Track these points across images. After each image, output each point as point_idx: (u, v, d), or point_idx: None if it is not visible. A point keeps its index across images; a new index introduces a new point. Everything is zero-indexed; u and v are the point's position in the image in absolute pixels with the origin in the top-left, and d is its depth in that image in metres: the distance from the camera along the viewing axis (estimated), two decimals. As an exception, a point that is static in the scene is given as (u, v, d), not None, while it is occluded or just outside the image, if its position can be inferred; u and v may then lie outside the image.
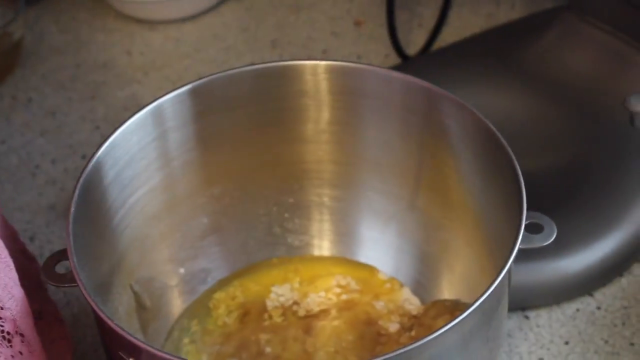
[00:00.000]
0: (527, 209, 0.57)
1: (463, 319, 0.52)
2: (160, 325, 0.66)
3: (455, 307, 0.64)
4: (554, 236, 0.58)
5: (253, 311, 0.67)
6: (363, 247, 0.69)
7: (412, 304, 0.67)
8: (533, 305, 0.69)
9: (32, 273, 0.64)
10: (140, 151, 0.63)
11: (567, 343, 0.67)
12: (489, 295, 0.53)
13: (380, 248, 0.69)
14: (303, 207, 0.69)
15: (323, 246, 0.70)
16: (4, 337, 0.55)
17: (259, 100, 0.66)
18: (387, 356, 0.51)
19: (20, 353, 0.56)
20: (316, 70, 0.65)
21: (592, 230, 0.69)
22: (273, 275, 0.69)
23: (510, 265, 0.55)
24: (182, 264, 0.68)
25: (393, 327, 0.65)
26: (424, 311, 0.66)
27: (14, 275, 0.56)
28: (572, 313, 0.69)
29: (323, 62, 0.65)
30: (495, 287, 0.53)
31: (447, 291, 0.66)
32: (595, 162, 0.73)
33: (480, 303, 0.52)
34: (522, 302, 0.68)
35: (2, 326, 0.55)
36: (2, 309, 0.55)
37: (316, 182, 0.69)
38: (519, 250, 0.55)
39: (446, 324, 0.51)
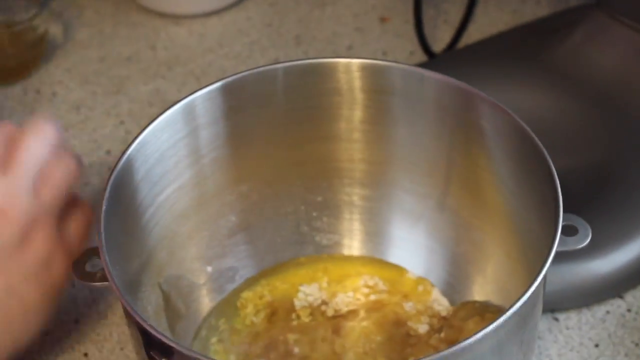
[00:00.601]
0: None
1: (500, 324, 0.51)
2: (187, 324, 0.65)
3: (485, 309, 0.64)
4: (589, 239, 0.58)
5: (281, 311, 0.66)
6: (393, 247, 0.68)
7: (442, 304, 0.66)
8: (563, 307, 0.68)
9: None
10: (170, 148, 0.63)
11: (597, 346, 0.67)
12: (526, 299, 0.52)
13: (410, 248, 0.68)
14: (332, 206, 0.69)
15: (352, 245, 0.69)
16: None
17: (290, 97, 0.65)
18: (421, 361, 0.50)
19: None
20: (349, 68, 0.64)
21: (622, 231, 0.69)
22: (301, 275, 0.68)
23: (547, 268, 0.54)
24: (209, 262, 0.67)
25: (422, 329, 0.65)
26: (453, 312, 0.65)
27: None
28: (602, 315, 0.68)
29: (356, 60, 0.64)
30: (533, 291, 0.53)
31: (477, 292, 0.66)
32: (626, 162, 0.72)
33: (518, 307, 0.52)
34: (552, 304, 0.68)
35: None
36: None
37: (346, 180, 0.68)
38: (551, 252, 0.55)
39: (482, 329, 0.51)
